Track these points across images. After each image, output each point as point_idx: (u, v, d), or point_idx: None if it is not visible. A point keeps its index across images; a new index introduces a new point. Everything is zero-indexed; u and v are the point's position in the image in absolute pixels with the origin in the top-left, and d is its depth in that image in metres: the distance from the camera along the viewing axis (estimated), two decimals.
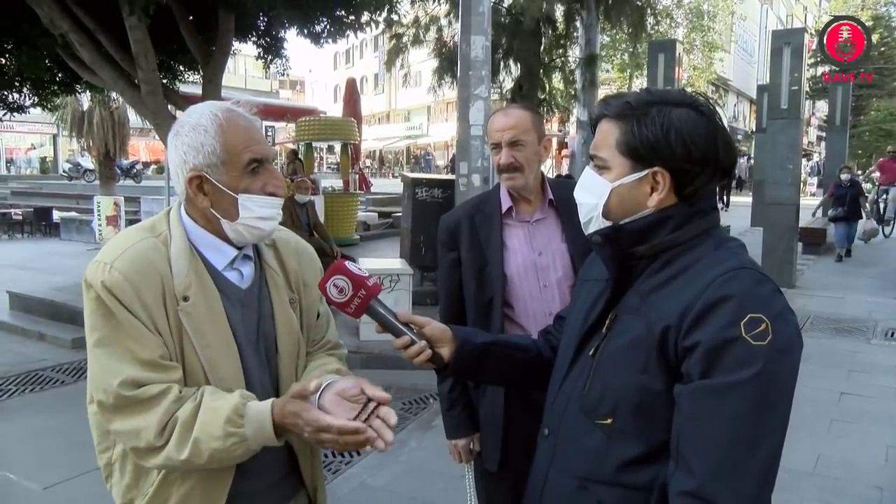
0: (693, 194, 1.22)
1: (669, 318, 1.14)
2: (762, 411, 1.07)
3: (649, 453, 1.17)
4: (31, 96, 9.34)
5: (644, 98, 1.24)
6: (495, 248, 2.11)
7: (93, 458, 1.46)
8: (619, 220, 1.26)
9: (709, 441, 1.08)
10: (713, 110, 1.24)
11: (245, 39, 8.91)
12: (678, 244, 1.22)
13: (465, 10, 6.59)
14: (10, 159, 36.53)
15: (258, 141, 1.40)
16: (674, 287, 1.18)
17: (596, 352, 1.27)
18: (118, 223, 11.61)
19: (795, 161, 9.35)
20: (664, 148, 1.19)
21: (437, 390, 2.34)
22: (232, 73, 32.05)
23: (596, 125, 1.31)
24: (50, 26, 6.83)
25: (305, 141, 13.02)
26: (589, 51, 11.93)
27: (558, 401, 1.35)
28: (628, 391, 1.19)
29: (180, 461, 1.27)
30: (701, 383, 1.09)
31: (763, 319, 1.07)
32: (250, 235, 1.42)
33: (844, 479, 3.85)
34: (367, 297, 1.37)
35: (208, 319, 1.36)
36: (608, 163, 1.26)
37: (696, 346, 1.09)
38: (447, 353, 1.44)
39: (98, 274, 1.31)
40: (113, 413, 1.29)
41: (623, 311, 1.25)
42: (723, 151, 1.22)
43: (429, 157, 37.80)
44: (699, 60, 24.52)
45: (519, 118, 2.07)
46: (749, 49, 40.66)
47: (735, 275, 1.13)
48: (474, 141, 6.63)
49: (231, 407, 1.28)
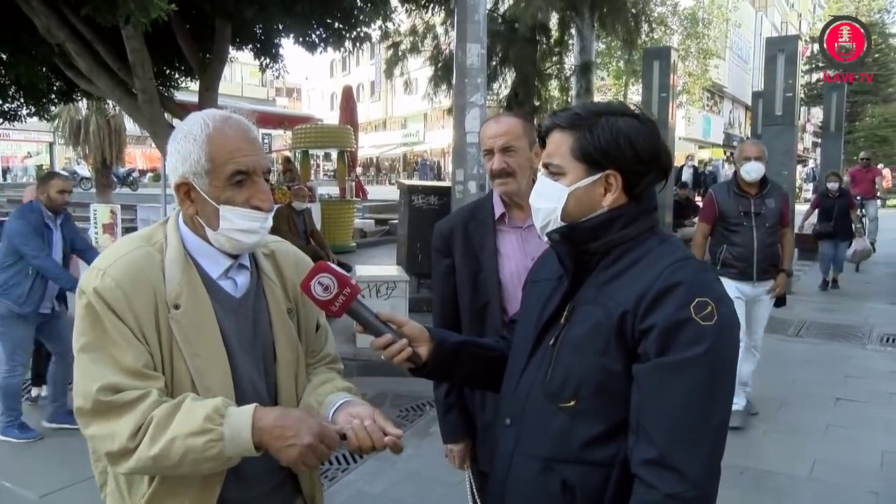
0: (641, 194, 1.36)
1: (626, 304, 1.25)
2: (712, 383, 1.20)
3: (610, 430, 1.27)
4: (28, 105, 9.34)
5: (591, 109, 1.37)
6: (489, 254, 2.13)
7: (89, 466, 1.47)
8: (576, 221, 1.36)
9: (667, 412, 1.19)
10: (651, 119, 1.39)
11: (242, 47, 8.93)
12: (628, 240, 1.34)
13: (461, 18, 6.63)
14: (6, 168, 36.47)
15: (246, 152, 1.38)
16: (627, 278, 1.29)
17: (556, 341, 1.35)
18: (115, 231, 11.58)
19: (791, 167, 9.40)
20: (615, 151, 1.32)
21: (433, 397, 2.36)
22: (228, 81, 32.12)
23: (545, 137, 1.41)
24: (47, 35, 6.84)
25: (302, 148, 13.05)
26: (584, 58, 11.98)
27: (519, 391, 1.42)
28: (590, 373, 1.28)
29: (150, 458, 1.24)
30: (657, 361, 1.20)
31: (709, 302, 1.20)
32: (231, 246, 1.42)
33: (840, 485, 3.86)
34: (350, 295, 1.39)
35: (198, 328, 1.37)
36: (563, 168, 1.36)
37: (652, 328, 1.21)
38: (425, 352, 1.48)
39: (91, 280, 1.33)
40: (91, 417, 1.29)
41: (580, 302, 1.35)
42: (664, 155, 1.36)
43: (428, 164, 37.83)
44: (694, 67, 24.59)
45: (510, 125, 2.11)
46: (744, 56, 40.84)
47: (683, 264, 1.26)
48: (470, 148, 6.65)
49: (213, 405, 1.27)
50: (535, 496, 1.35)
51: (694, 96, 26.95)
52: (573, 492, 1.29)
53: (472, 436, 2.24)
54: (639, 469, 1.20)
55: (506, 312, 2.13)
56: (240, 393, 1.41)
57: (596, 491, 1.27)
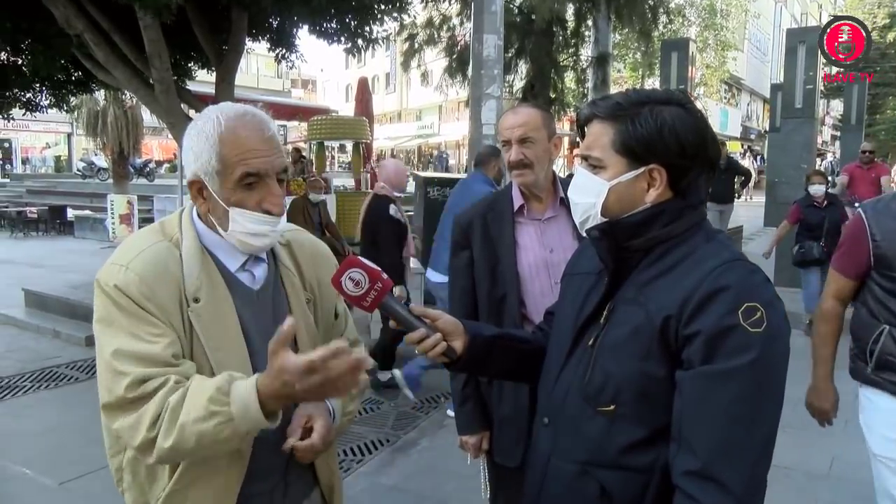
0: (686, 188, 1.27)
1: (669, 308, 1.18)
2: (760, 394, 1.14)
3: (650, 436, 1.22)
4: (49, 96, 9.42)
5: (633, 98, 1.28)
6: (507, 246, 2.13)
7: (103, 455, 1.47)
8: (616, 217, 1.29)
9: (711, 423, 1.13)
10: (696, 107, 1.30)
11: (258, 38, 8.94)
12: (672, 237, 1.27)
13: (478, 9, 6.60)
14: (25, 158, 36.88)
15: (258, 154, 1.34)
16: (670, 278, 1.23)
17: (595, 342, 1.30)
18: (131, 221, 11.70)
19: (810, 161, 9.27)
20: (659, 145, 1.24)
21: (448, 389, 2.36)
22: (244, 73, 32.18)
23: (583, 127, 1.34)
24: (65, 26, 6.89)
25: (317, 140, 13.05)
26: (600, 50, 11.89)
27: (556, 390, 1.37)
28: (631, 378, 1.22)
29: (168, 448, 1.22)
30: (702, 369, 1.14)
31: (758, 308, 1.14)
32: (241, 248, 1.41)
33: (860, 482, 3.81)
34: (382, 290, 1.36)
35: (218, 321, 1.36)
36: (603, 162, 1.28)
37: (697, 334, 1.15)
38: (459, 346, 1.44)
39: (112, 276, 1.31)
40: (118, 411, 1.27)
41: (620, 301, 1.29)
42: (710, 146, 1.28)
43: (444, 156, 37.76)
44: (712, 59, 24.36)
45: (529, 116, 2.10)
46: (762, 48, 40.34)
47: (730, 266, 1.19)
48: (486, 140, 6.63)
49: (214, 385, 1.22)
50: (571, 500, 1.31)
51: (711, 89, 26.71)
52: (610, 498, 1.25)
53: (488, 427, 2.24)
54: (680, 480, 1.16)
55: (524, 304, 2.13)
56: None
57: (634, 498, 1.23)
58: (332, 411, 1.47)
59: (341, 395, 1.28)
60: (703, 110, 1.30)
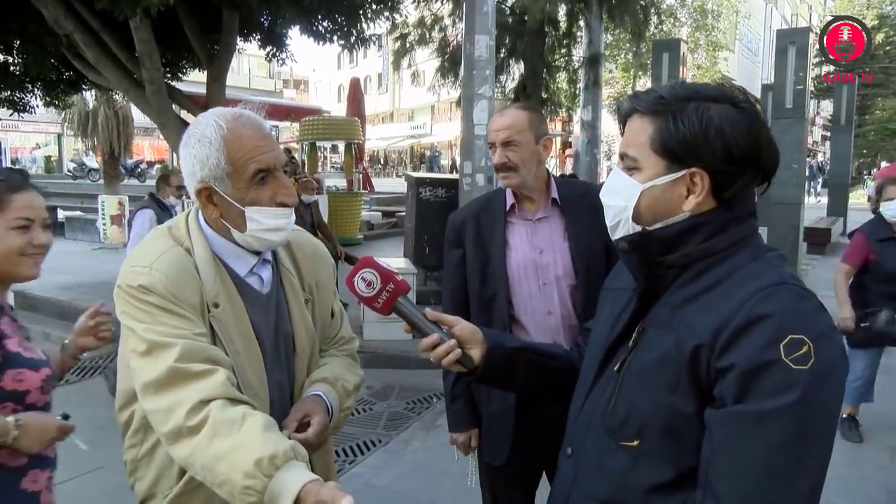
0: (732, 198, 1.12)
1: (702, 336, 1.04)
2: (801, 441, 0.98)
3: (677, 478, 1.09)
4: (43, 97, 9.38)
5: (679, 92, 1.14)
6: (498, 246, 2.14)
7: (100, 456, 1.48)
8: (651, 225, 1.15)
9: (741, 472, 0.99)
10: (754, 107, 1.14)
11: (249, 38, 8.93)
12: (712, 253, 1.12)
13: (470, 9, 6.59)
14: (15, 158, 36.57)
15: (264, 150, 1.36)
16: (707, 301, 1.08)
17: (621, 367, 1.17)
18: (122, 223, 11.63)
19: (800, 161, 9.33)
20: (703, 147, 1.09)
21: (440, 390, 2.38)
22: (236, 73, 32.10)
23: (625, 121, 1.20)
24: (55, 26, 6.85)
25: (309, 140, 13.05)
26: (592, 51, 11.91)
27: (581, 418, 1.26)
28: (656, 412, 1.10)
29: (197, 466, 1.20)
30: (735, 409, 1.00)
31: (805, 341, 0.97)
32: (260, 245, 1.42)
33: (850, 479, 3.84)
34: (395, 292, 1.35)
35: (236, 326, 1.37)
36: (639, 163, 1.15)
37: (731, 369, 1.00)
38: (477, 355, 1.36)
39: (136, 278, 1.31)
40: (162, 388, 1.24)
41: (651, 324, 1.16)
42: (765, 152, 1.12)
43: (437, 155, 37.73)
44: (703, 60, 24.42)
45: (514, 118, 2.09)
46: (753, 48, 40.53)
47: (774, 291, 1.03)
48: (478, 140, 6.62)
49: (271, 451, 1.14)
50: None
51: None
52: None
53: (477, 425, 2.26)
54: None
55: (511, 305, 2.13)
56: (269, 389, 1.42)
57: None
58: (329, 409, 1.48)
59: None
60: (761, 111, 1.16)
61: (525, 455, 2.14)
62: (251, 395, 1.35)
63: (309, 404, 1.44)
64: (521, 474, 2.20)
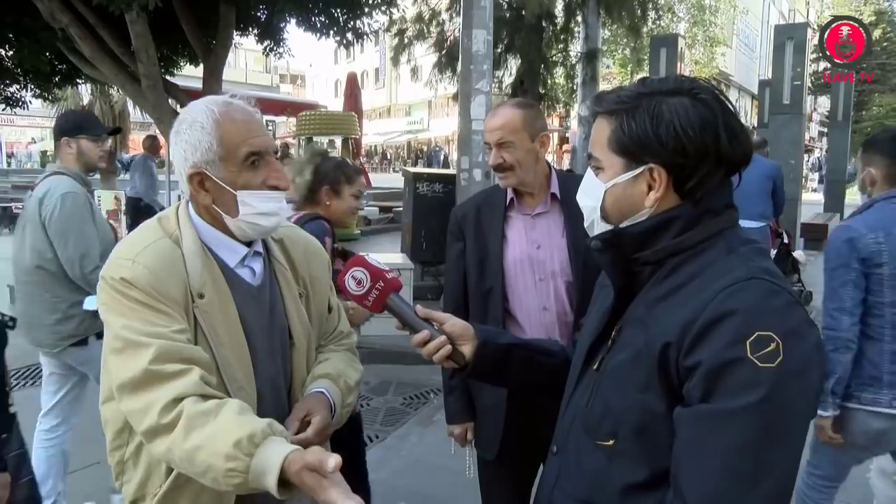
0: (696, 191, 1.11)
1: (670, 334, 1.03)
2: (767, 441, 0.96)
3: (652, 479, 1.08)
4: (34, 88, 9.34)
5: (636, 90, 1.14)
6: (496, 239, 2.14)
7: (94, 451, 1.47)
8: (619, 223, 1.17)
9: (706, 472, 0.98)
10: (716, 96, 1.12)
11: (245, 33, 8.89)
12: (685, 248, 1.11)
13: (467, 4, 6.56)
14: (10, 153, 36.56)
15: (256, 133, 1.38)
16: (679, 298, 1.07)
17: (600, 366, 1.18)
18: (119, 217, 11.59)
19: (797, 157, 9.34)
20: (654, 142, 1.09)
21: (437, 385, 2.39)
22: (233, 67, 31.99)
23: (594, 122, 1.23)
24: (50, 20, 6.82)
25: (306, 135, 13.02)
26: (589, 46, 11.90)
27: (566, 417, 1.27)
28: (630, 411, 1.09)
29: (177, 459, 1.21)
30: (700, 408, 0.99)
31: (773, 338, 0.96)
32: (252, 232, 1.42)
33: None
34: (384, 289, 1.36)
35: (221, 317, 1.37)
36: (602, 162, 1.17)
37: (697, 367, 0.99)
38: (469, 351, 1.38)
39: (119, 270, 1.30)
40: (136, 388, 1.24)
41: (627, 322, 1.16)
42: (726, 141, 1.09)
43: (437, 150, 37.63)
44: (700, 55, 24.42)
45: (507, 118, 2.07)
46: (751, 44, 40.51)
47: (743, 286, 1.01)
48: (475, 136, 6.60)
49: (249, 430, 1.17)
50: None
51: None
52: None
53: (473, 418, 2.28)
54: None
55: (506, 299, 2.13)
56: (258, 383, 1.41)
57: None
58: (332, 406, 1.48)
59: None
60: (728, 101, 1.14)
61: (518, 450, 2.14)
62: (236, 388, 1.34)
63: (311, 402, 1.44)
64: (513, 469, 2.20)
